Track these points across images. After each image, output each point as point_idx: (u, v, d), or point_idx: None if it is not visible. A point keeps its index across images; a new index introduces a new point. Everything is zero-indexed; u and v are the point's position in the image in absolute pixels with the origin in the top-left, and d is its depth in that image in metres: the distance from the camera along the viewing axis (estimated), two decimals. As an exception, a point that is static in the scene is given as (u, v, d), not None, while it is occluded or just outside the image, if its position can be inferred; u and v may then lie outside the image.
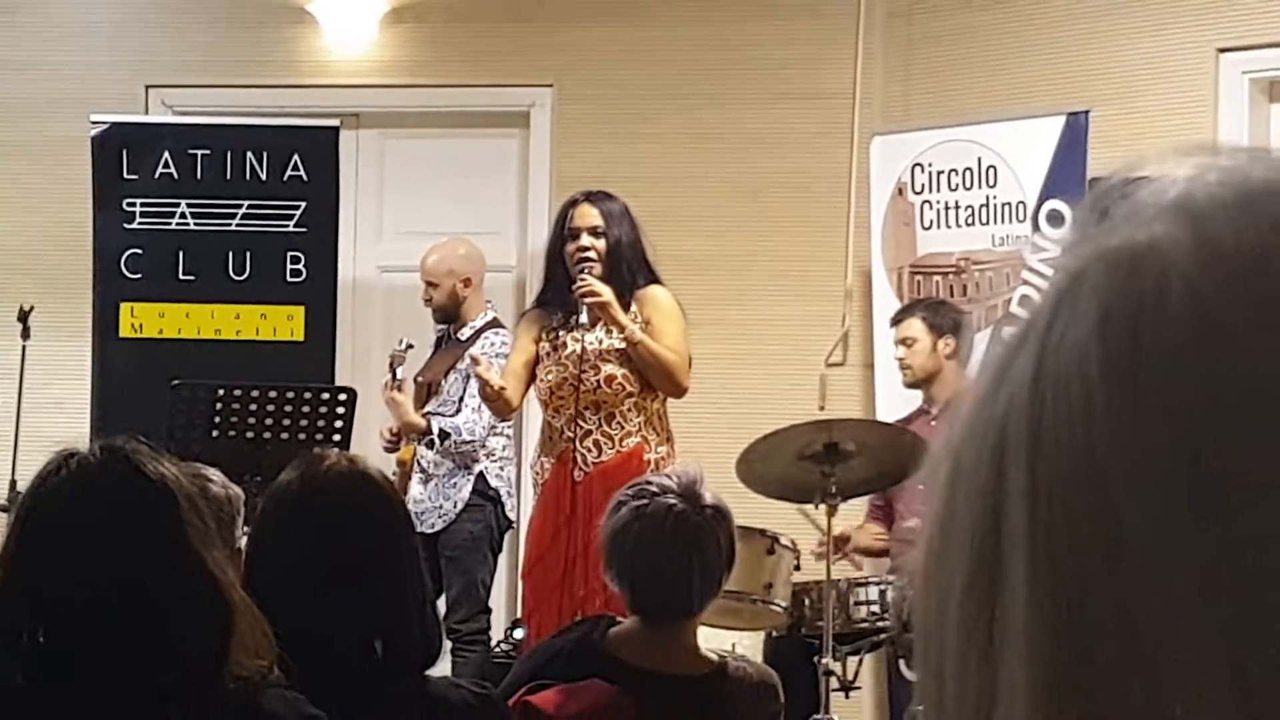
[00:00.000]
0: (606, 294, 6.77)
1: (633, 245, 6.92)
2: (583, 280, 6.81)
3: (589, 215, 6.92)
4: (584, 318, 6.87)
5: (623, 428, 6.90)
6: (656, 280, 6.94)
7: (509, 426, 7.95)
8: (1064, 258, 0.76)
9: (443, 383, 7.93)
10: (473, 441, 7.78)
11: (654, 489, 4.49)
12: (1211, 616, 0.68)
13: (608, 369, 6.86)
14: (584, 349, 6.88)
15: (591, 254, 6.83)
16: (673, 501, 4.45)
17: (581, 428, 6.90)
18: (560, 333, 6.94)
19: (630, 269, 6.88)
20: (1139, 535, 0.69)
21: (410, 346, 7.67)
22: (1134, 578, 0.69)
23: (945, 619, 0.75)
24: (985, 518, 0.73)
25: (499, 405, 7.25)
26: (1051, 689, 0.71)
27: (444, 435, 7.73)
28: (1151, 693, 0.69)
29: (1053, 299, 0.74)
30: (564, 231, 6.97)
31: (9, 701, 3.08)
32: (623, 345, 6.81)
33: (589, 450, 6.90)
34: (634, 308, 6.85)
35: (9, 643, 3.08)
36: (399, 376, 7.65)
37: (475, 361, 7.22)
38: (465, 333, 8.02)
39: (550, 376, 6.94)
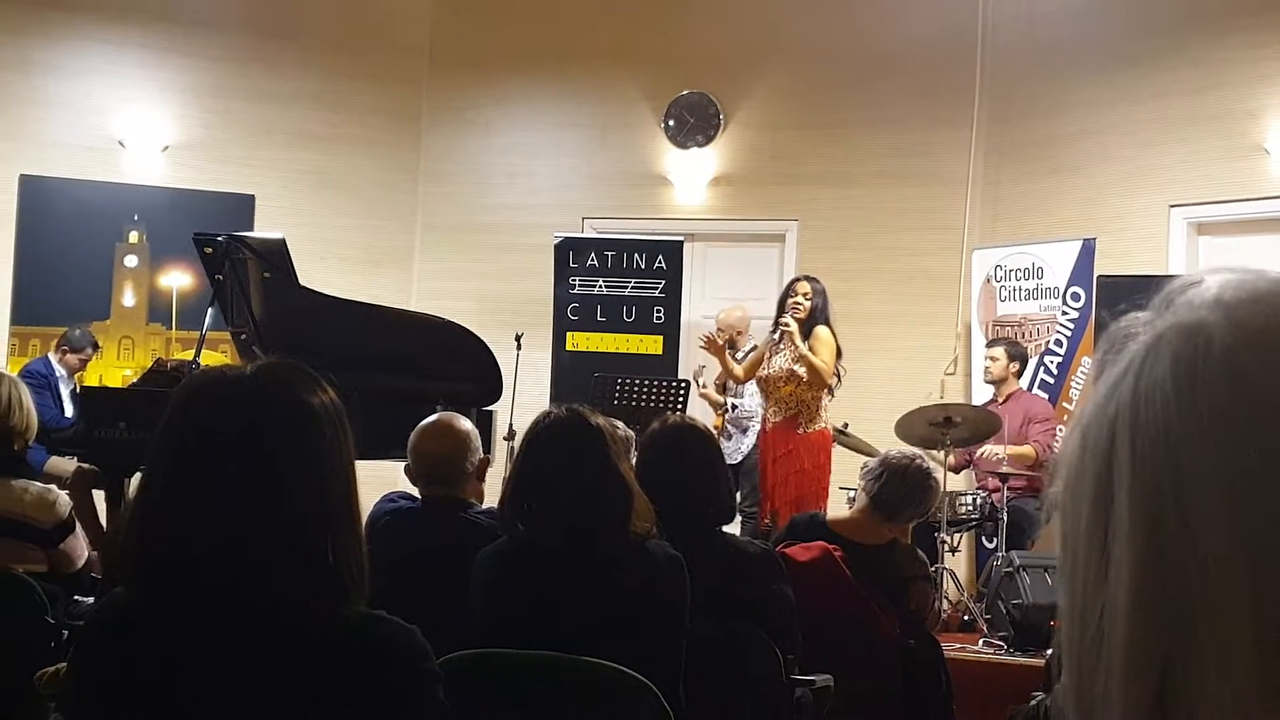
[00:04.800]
0: (793, 326, 6.72)
1: (820, 306, 6.81)
2: (783, 319, 6.78)
3: (805, 285, 6.88)
4: (776, 334, 6.82)
5: (788, 406, 6.78)
6: (827, 324, 6.80)
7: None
8: (1148, 327, 0.74)
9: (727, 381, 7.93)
10: (750, 415, 7.77)
11: (920, 457, 4.54)
12: (1238, 532, 0.67)
13: (782, 376, 6.77)
14: (774, 363, 6.83)
15: (803, 305, 6.77)
16: (927, 468, 4.46)
17: (770, 403, 6.87)
18: (771, 349, 6.89)
19: (814, 317, 6.77)
20: (1193, 480, 0.68)
21: (703, 367, 7.65)
22: (1189, 506, 0.68)
23: (1078, 527, 0.74)
24: (1103, 468, 0.72)
25: (730, 377, 7.31)
26: (1142, 569, 0.69)
27: (734, 407, 7.75)
28: (1200, 569, 0.68)
29: (1144, 349, 0.72)
30: (787, 293, 6.93)
31: (518, 538, 3.16)
32: (792, 364, 6.72)
33: (772, 416, 6.85)
34: (812, 337, 6.73)
35: (517, 508, 3.16)
36: (700, 380, 7.68)
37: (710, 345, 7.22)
38: (739, 355, 7.92)
39: (763, 373, 6.90)
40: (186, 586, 1.66)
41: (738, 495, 7.58)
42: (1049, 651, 4.14)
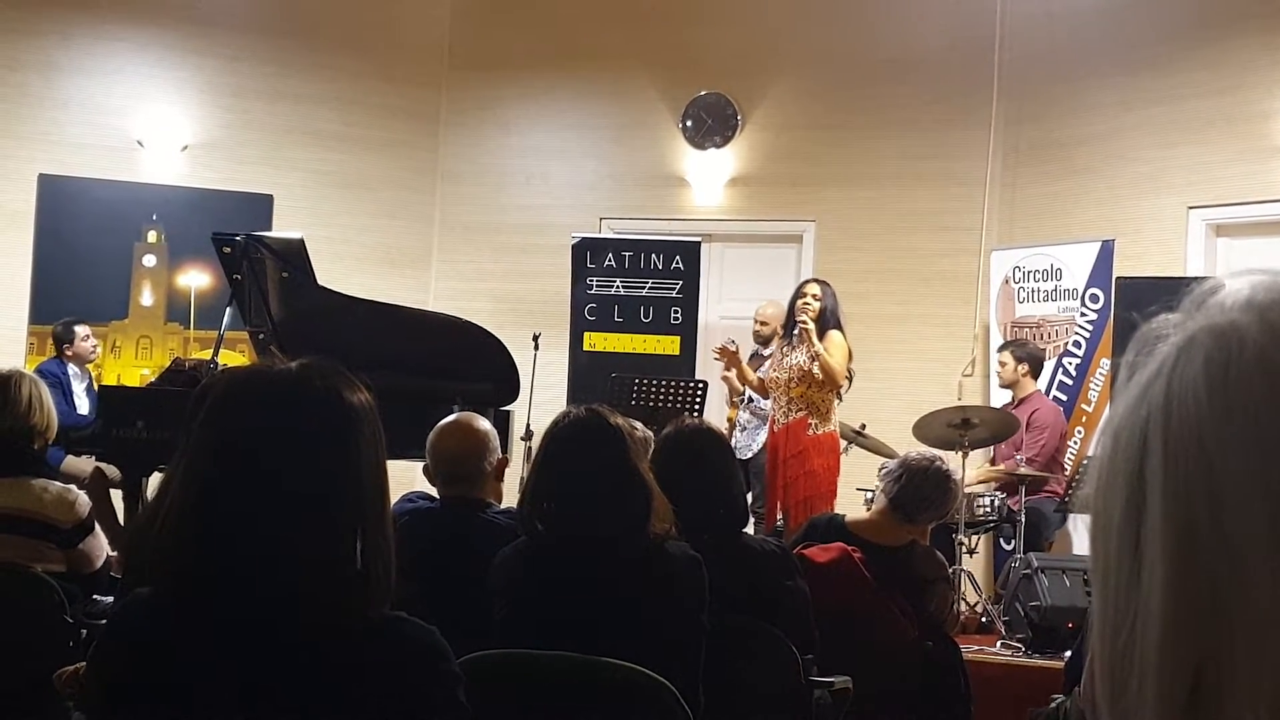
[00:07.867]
0: (812, 326, 6.71)
1: (830, 308, 6.80)
2: (801, 319, 6.75)
3: (814, 287, 6.86)
4: (795, 331, 6.79)
5: (798, 407, 6.77)
6: (839, 328, 6.80)
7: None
8: (1179, 329, 0.73)
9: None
10: (769, 412, 7.73)
11: (939, 459, 4.51)
12: (1271, 532, 0.67)
13: (795, 376, 6.76)
14: (787, 362, 6.82)
15: (812, 305, 6.75)
16: (947, 470, 4.44)
17: (781, 404, 6.85)
18: (785, 350, 6.89)
19: (825, 319, 6.76)
20: (1226, 480, 0.68)
21: (734, 342, 7.55)
22: (1222, 506, 0.68)
23: (1110, 527, 0.73)
24: (1135, 470, 0.72)
25: (748, 385, 7.29)
26: (1175, 570, 0.69)
27: (750, 399, 7.72)
28: (1234, 569, 0.67)
29: (1175, 351, 0.72)
30: (797, 295, 6.91)
31: (537, 538, 3.15)
32: (807, 366, 6.71)
33: (782, 416, 6.83)
34: (824, 340, 6.71)
35: (536, 508, 3.15)
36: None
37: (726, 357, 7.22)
38: (765, 352, 7.95)
39: (774, 374, 6.90)
40: (219, 586, 1.66)
41: (749, 496, 7.59)
42: (1067, 654, 4.12)
